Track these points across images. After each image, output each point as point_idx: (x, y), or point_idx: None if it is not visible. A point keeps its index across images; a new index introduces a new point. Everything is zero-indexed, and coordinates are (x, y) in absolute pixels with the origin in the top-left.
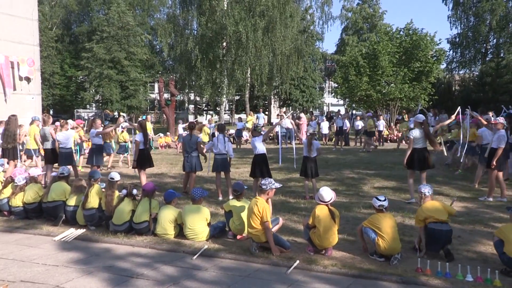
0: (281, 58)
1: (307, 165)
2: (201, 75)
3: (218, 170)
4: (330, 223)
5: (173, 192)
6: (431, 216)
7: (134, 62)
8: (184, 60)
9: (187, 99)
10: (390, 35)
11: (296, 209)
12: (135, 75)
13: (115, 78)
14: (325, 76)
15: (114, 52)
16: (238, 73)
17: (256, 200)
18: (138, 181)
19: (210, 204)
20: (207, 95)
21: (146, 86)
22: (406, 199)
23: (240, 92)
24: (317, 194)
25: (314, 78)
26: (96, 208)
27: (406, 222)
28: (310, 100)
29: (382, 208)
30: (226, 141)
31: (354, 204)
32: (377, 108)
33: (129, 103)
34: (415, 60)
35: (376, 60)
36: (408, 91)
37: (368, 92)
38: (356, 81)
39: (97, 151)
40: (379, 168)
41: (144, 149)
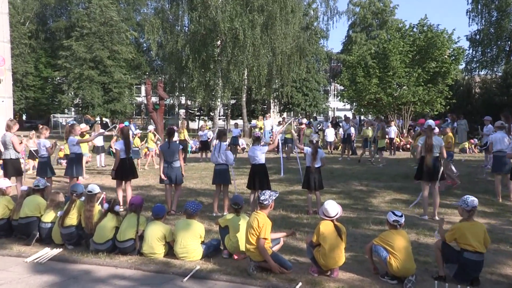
0: (281, 58)
1: (311, 176)
2: (193, 76)
3: (216, 182)
4: (336, 241)
5: (163, 207)
6: (470, 244)
7: (118, 62)
8: (174, 60)
9: (177, 103)
10: (403, 32)
11: (298, 225)
12: (119, 76)
13: (97, 80)
14: (330, 77)
15: (95, 50)
16: (234, 74)
17: (256, 214)
18: (122, 194)
19: (203, 220)
20: (200, 99)
21: (132, 89)
22: (420, 214)
23: (236, 95)
24: (322, 209)
25: (318, 80)
26: (75, 226)
27: (421, 240)
28: (313, 104)
29: (397, 224)
30: (223, 148)
31: (363, 219)
32: (387, 113)
33: (113, 108)
34: (430, 60)
35: (386, 60)
36: (423, 94)
37: (378, 96)
38: (364, 84)
39: (76, 161)
40: (390, 179)
41: (125, 159)
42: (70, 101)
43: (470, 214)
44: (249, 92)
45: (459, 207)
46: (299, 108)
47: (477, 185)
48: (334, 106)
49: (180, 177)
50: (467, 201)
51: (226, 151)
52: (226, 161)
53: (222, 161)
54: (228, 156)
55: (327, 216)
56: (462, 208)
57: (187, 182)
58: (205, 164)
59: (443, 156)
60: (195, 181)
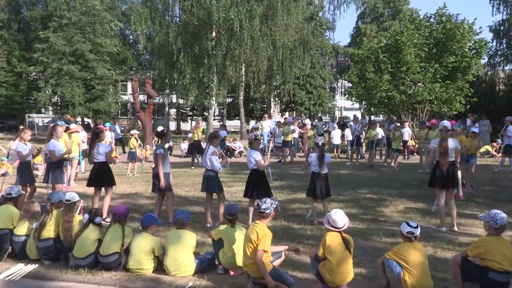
0: (282, 52)
1: (317, 183)
2: (185, 72)
3: (202, 189)
4: (344, 254)
5: (153, 216)
6: (497, 262)
7: (101, 56)
8: (163, 54)
9: (167, 102)
10: (417, 22)
11: (302, 237)
12: (102, 72)
13: (78, 76)
14: (337, 74)
15: (76, 43)
16: (231, 70)
17: (255, 225)
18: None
19: (195, 231)
20: (192, 97)
21: (117, 86)
22: (436, 225)
23: (233, 93)
24: (328, 219)
25: (323, 76)
26: (53, 238)
27: (438, 254)
28: (318, 103)
29: (411, 237)
30: (209, 152)
31: (373, 231)
32: (401, 113)
33: (96, 107)
34: (449, 53)
35: (399, 54)
36: (440, 91)
37: (390, 94)
38: (375, 80)
39: (55, 167)
40: (404, 186)
41: (106, 163)
42: (48, 99)
43: (499, 231)
44: (247, 90)
45: (486, 222)
46: (302, 108)
47: (502, 193)
48: (341, 105)
49: (168, 183)
50: (495, 218)
51: (212, 155)
52: (211, 167)
53: (209, 167)
54: (212, 161)
55: (335, 227)
56: (490, 224)
57: (178, 190)
58: (198, 170)
59: (458, 160)
60: (187, 188)
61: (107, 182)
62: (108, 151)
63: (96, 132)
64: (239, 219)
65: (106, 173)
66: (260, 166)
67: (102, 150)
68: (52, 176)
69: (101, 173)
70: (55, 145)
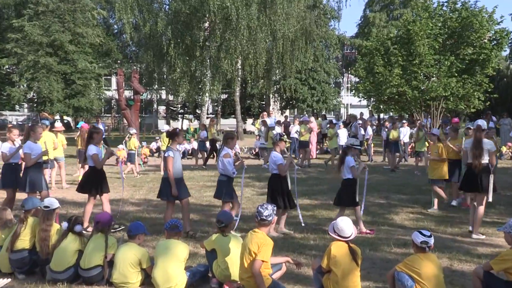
0: (283, 44)
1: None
2: (176, 65)
3: (215, 195)
4: (351, 266)
5: (141, 224)
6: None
7: (82, 48)
8: (152, 46)
9: (156, 99)
10: (431, 11)
11: (304, 247)
12: (84, 65)
13: (56, 69)
14: (342, 67)
15: (54, 33)
16: (226, 63)
17: (254, 234)
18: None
19: (187, 241)
20: (184, 93)
21: (100, 81)
22: (456, 233)
23: (228, 89)
24: (333, 227)
25: (327, 70)
26: (28, 249)
27: (455, 267)
28: (322, 100)
29: (425, 247)
30: (222, 154)
31: (383, 240)
32: (413, 110)
33: (76, 104)
34: (466, 45)
35: (411, 45)
36: (456, 87)
37: (401, 89)
38: (384, 74)
39: (33, 172)
40: (416, 191)
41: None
42: (22, 95)
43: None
44: (244, 85)
45: (507, 233)
46: (304, 105)
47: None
48: (347, 102)
49: (184, 190)
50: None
51: (224, 158)
52: (224, 171)
53: (221, 171)
54: (224, 164)
55: (341, 236)
56: (511, 235)
57: None
58: (199, 172)
59: (493, 163)
60: None
61: (93, 189)
62: (93, 154)
63: (91, 131)
64: (233, 228)
65: (94, 179)
66: (281, 170)
67: (89, 152)
68: (29, 183)
69: (91, 179)
70: (31, 147)
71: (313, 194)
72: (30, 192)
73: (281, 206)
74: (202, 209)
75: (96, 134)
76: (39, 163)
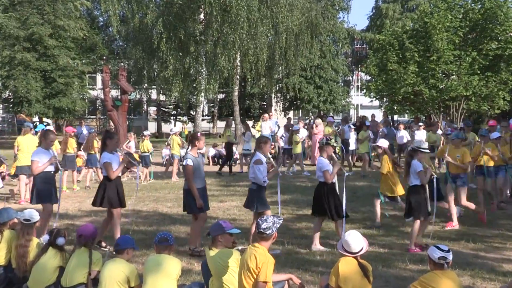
0: (286, 38)
1: None
2: (168, 62)
3: (245, 205)
4: (361, 284)
5: (130, 238)
6: None
7: (64, 42)
8: (141, 40)
9: (146, 99)
10: (450, 1)
11: (310, 263)
12: (66, 61)
13: (35, 66)
14: (352, 64)
15: (32, 26)
16: (223, 59)
17: (254, 249)
18: (70, 222)
19: (181, 256)
20: (177, 93)
21: (84, 79)
22: (478, 249)
23: (225, 88)
24: (341, 241)
25: (335, 67)
26: (3, 266)
27: (477, 285)
28: (329, 100)
29: (443, 263)
30: (253, 160)
31: (397, 256)
32: (430, 111)
33: (57, 104)
34: (490, 39)
35: (429, 39)
36: (479, 86)
37: (417, 88)
38: (398, 72)
39: (41, 181)
40: None
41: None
42: None
43: None
44: (243, 84)
45: None
46: (310, 106)
47: None
48: (357, 102)
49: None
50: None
51: (255, 164)
52: (254, 178)
53: (251, 177)
54: (255, 171)
55: (349, 251)
56: None
57: (159, 205)
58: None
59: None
60: (170, 203)
61: (105, 202)
62: (105, 163)
63: (103, 137)
64: (229, 241)
65: (108, 190)
66: (327, 178)
67: (102, 160)
68: (36, 194)
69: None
70: (39, 155)
71: None
72: (37, 204)
73: (329, 218)
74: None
75: (110, 140)
76: (49, 172)
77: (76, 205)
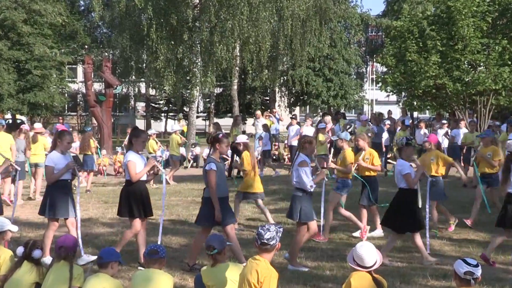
0: (292, 25)
1: None
2: (158, 52)
3: (288, 214)
4: None
5: (114, 250)
6: None
7: (41, 29)
8: (128, 27)
9: (133, 93)
10: None
11: (318, 278)
12: (42, 50)
13: (7, 56)
14: (366, 54)
15: (4, 10)
16: (220, 49)
17: (254, 262)
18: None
19: (173, 271)
20: (168, 87)
21: (63, 71)
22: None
23: (223, 81)
24: (353, 254)
25: (347, 57)
26: None
27: None
28: (341, 94)
29: (470, 279)
30: (298, 162)
31: (417, 271)
32: (454, 108)
33: (32, 99)
34: None
35: (453, 26)
36: (510, 78)
37: (440, 81)
38: (419, 63)
39: (56, 191)
40: (459, 208)
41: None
42: None
43: None
44: (243, 77)
45: None
46: (318, 101)
47: None
48: (372, 97)
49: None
50: None
51: (301, 167)
52: (299, 184)
53: (295, 182)
54: (300, 175)
55: (362, 265)
56: None
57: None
58: (186, 185)
59: None
60: (161, 211)
61: (126, 211)
62: (128, 161)
63: (130, 136)
64: (224, 256)
65: (130, 196)
66: (411, 182)
67: (125, 159)
68: (49, 206)
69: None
70: (54, 160)
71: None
72: (51, 217)
73: (410, 229)
74: (191, 231)
75: (136, 139)
76: (65, 180)
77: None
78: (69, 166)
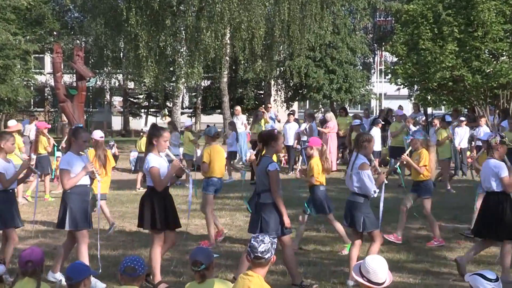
0: (289, 8)
1: None
2: (138, 39)
3: (346, 222)
4: None
5: (84, 265)
6: None
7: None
8: (103, 11)
9: (109, 86)
10: None
11: None
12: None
13: None
14: (374, 42)
15: None
16: (208, 36)
17: (247, 279)
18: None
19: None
20: (149, 79)
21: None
22: None
23: (212, 72)
24: (360, 267)
25: (352, 46)
26: None
27: None
28: (345, 88)
29: None
30: (357, 165)
31: (432, 287)
32: (474, 103)
33: None
34: None
35: (472, 10)
36: None
37: (457, 73)
38: (433, 52)
39: (75, 198)
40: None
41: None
42: None
43: None
44: (234, 68)
45: None
46: (319, 95)
47: None
48: (380, 91)
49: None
50: None
51: (362, 170)
52: (361, 189)
53: (355, 188)
54: (362, 179)
55: (372, 281)
56: None
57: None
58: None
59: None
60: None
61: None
62: (151, 168)
63: (149, 134)
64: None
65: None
66: (508, 185)
67: (146, 165)
68: (70, 216)
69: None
70: (70, 162)
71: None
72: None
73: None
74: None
75: (157, 138)
76: (84, 186)
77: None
78: (88, 168)
